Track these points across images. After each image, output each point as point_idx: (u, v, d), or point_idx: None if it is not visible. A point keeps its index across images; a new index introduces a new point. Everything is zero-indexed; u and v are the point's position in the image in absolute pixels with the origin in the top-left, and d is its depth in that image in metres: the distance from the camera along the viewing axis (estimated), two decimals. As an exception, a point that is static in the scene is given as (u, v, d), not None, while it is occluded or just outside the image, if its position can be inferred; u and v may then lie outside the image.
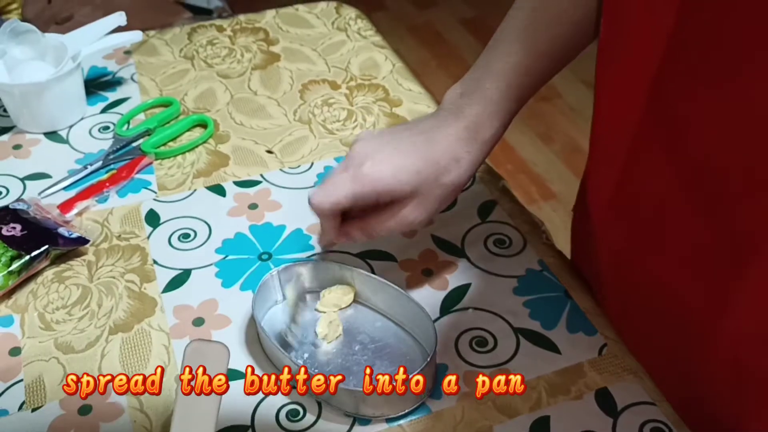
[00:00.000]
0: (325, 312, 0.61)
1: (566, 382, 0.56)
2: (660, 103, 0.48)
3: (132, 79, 0.88)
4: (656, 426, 0.53)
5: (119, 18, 0.82)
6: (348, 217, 0.57)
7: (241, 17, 0.99)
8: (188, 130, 0.81)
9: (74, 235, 0.66)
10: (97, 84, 0.87)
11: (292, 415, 0.54)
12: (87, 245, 0.67)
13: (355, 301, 0.62)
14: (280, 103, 0.85)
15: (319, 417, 0.54)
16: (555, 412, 0.54)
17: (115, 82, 0.88)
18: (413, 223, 0.56)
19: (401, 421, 0.53)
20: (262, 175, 0.75)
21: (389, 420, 0.53)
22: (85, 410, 0.54)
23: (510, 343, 0.59)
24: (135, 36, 0.84)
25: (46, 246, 0.64)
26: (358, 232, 0.57)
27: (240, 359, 0.57)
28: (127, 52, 0.92)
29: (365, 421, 0.53)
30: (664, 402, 0.55)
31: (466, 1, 2.83)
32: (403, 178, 0.53)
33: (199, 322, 0.61)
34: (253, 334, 0.59)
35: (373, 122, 0.82)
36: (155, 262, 0.66)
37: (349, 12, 1.00)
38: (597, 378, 0.56)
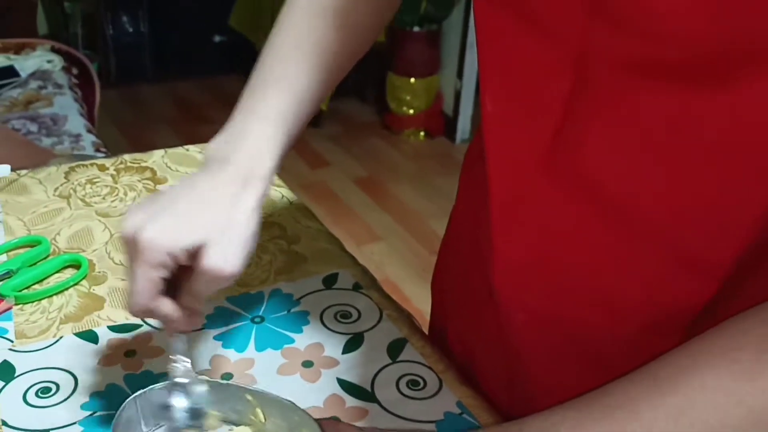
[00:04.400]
0: None
1: None
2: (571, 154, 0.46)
3: (-4, 218, 0.79)
4: None
5: (-16, 150, 0.74)
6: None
7: (126, 156, 0.93)
8: (58, 271, 0.71)
9: None
10: (-47, 224, 0.77)
11: None
12: None
13: None
14: (166, 242, 0.77)
15: None
16: None
17: (-25, 222, 0.78)
18: (222, 270, 0.49)
19: None
20: (143, 318, 0.66)
21: None
22: None
23: (434, 500, 0.51)
24: (2, 170, 0.76)
25: None
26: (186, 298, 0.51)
27: None
28: (-7, 191, 0.83)
29: None
30: None
31: (359, 162, 2.90)
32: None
33: (54, 495, 0.49)
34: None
35: (269, 260, 0.76)
36: (4, 423, 0.54)
37: (243, 153, 0.96)
38: None
